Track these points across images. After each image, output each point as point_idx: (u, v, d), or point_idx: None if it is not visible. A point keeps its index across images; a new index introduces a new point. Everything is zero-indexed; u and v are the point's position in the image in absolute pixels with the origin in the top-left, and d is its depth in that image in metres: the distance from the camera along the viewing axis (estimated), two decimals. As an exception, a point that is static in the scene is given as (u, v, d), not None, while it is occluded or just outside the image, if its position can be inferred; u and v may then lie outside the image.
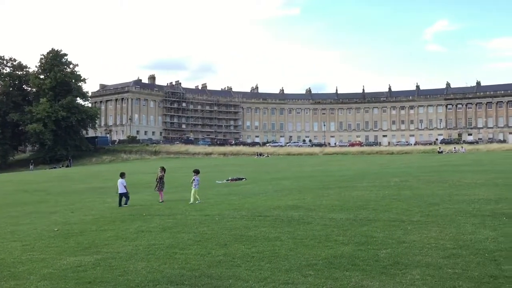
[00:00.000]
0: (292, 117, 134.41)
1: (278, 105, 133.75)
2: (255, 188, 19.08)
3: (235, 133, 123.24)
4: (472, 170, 24.18)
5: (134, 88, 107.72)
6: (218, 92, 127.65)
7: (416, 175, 21.47)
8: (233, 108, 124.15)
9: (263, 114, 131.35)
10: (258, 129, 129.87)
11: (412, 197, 13.36)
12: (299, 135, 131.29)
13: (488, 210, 10.39)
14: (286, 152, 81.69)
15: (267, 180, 23.83)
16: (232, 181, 24.26)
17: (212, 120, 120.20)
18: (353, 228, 9.02)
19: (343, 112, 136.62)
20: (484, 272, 5.73)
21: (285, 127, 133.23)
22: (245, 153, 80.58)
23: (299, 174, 28.72)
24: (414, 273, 5.84)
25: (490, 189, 14.69)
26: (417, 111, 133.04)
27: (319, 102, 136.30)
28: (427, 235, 8.01)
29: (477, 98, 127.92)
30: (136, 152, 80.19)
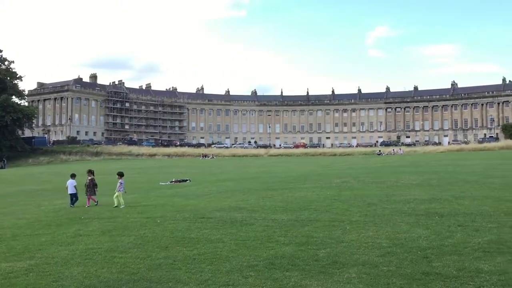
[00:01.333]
0: (238, 119, 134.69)
1: (223, 107, 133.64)
2: (199, 190, 18.95)
3: (180, 134, 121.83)
4: (409, 171, 25.17)
5: (75, 87, 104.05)
6: (163, 93, 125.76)
7: (356, 176, 22.08)
8: (178, 109, 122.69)
9: (209, 115, 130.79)
10: (204, 130, 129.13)
11: (352, 198, 13.74)
12: (244, 137, 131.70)
13: (422, 209, 10.85)
14: (231, 153, 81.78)
15: (211, 182, 23.74)
16: (176, 183, 23.97)
17: (157, 121, 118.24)
18: (294, 229, 9.15)
19: (288, 114, 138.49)
20: (417, 269, 5.98)
21: (230, 128, 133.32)
22: (190, 154, 79.90)
23: (243, 175, 28.80)
24: (351, 272, 6.01)
25: (424, 189, 15.35)
26: (359, 114, 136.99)
27: (265, 104, 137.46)
28: (364, 235, 8.26)
29: (414, 102, 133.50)
30: (76, 153, 77.41)
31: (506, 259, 6.16)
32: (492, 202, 11.48)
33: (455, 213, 10.13)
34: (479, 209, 10.44)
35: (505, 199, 11.91)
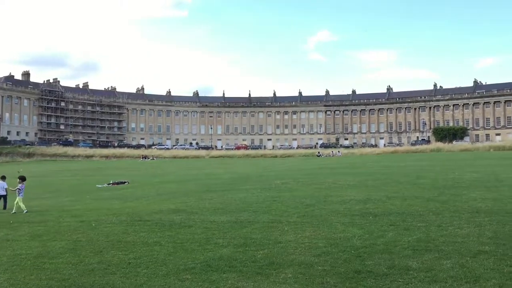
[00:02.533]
0: (179, 120, 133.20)
1: (165, 107, 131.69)
2: (137, 192, 18.54)
3: (119, 135, 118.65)
4: (346, 172, 25.92)
5: (5, 85, 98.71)
6: (101, 92, 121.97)
7: (296, 178, 22.46)
8: (117, 109, 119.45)
9: (149, 116, 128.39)
10: (144, 131, 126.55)
11: (291, 199, 13.95)
12: (186, 138, 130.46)
13: (357, 210, 11.19)
14: (172, 155, 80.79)
15: (151, 184, 23.31)
16: (114, 185, 23.32)
17: (94, 121, 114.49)
18: (233, 230, 9.15)
19: (230, 115, 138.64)
20: (350, 267, 6.15)
21: (172, 129, 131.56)
22: (129, 155, 78.09)
23: (184, 177, 28.51)
24: (287, 272, 6.09)
25: (360, 190, 15.85)
26: (299, 116, 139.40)
27: (207, 105, 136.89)
28: (302, 235, 8.40)
29: (352, 105, 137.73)
30: (7, 154, 73.44)
31: (433, 256, 6.46)
32: (421, 202, 12.03)
33: (387, 213, 10.52)
34: (410, 209, 10.90)
35: (433, 199, 12.52)
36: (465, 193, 13.75)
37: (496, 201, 11.73)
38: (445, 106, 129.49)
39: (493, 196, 12.62)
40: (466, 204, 11.31)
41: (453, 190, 14.59)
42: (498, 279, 5.35)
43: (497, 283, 5.22)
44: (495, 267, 5.80)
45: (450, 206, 11.07)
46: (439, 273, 5.70)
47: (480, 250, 6.68)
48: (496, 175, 20.00)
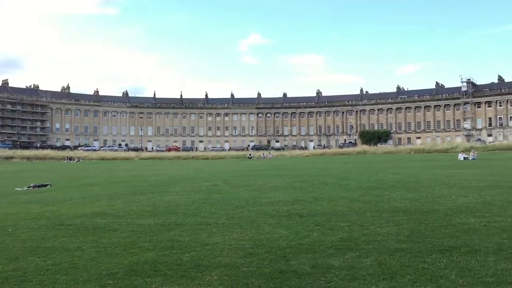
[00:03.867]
0: (108, 120, 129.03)
1: (92, 107, 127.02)
2: (60, 195, 17.71)
3: (42, 135, 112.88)
4: (276, 174, 26.30)
5: None
6: (23, 90, 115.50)
7: (226, 180, 22.48)
8: (40, 108, 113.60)
9: (75, 116, 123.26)
10: (70, 132, 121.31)
11: (221, 201, 13.93)
12: (114, 139, 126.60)
13: (285, 211, 11.38)
14: (100, 156, 78.14)
15: (75, 187, 22.36)
16: (34, 188, 22.12)
17: (15, 121, 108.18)
18: (160, 233, 8.99)
19: (161, 116, 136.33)
20: (275, 268, 6.24)
21: (99, 130, 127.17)
22: (53, 157, 74.50)
23: (111, 179, 27.63)
24: (213, 274, 6.07)
25: (289, 191, 16.14)
26: (231, 118, 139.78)
27: (137, 106, 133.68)
28: (229, 237, 8.41)
29: (283, 108, 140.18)
30: None
31: (354, 255, 6.70)
32: (346, 203, 12.46)
33: (314, 213, 10.79)
34: (335, 209, 11.26)
35: (357, 200, 13.01)
36: (387, 193, 14.40)
37: (414, 201, 12.38)
38: (371, 111, 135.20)
39: (411, 197, 13.31)
40: (387, 204, 11.85)
41: (376, 191, 15.23)
42: (413, 275, 5.64)
43: (412, 278, 5.51)
44: (410, 264, 6.11)
45: (372, 206, 11.54)
46: (359, 270, 5.92)
47: (397, 248, 7.02)
48: (416, 177, 21.12)
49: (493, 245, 6.91)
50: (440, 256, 6.43)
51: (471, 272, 5.62)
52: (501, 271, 5.61)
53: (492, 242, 7.11)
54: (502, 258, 6.19)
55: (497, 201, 11.72)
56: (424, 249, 6.85)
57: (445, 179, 19.27)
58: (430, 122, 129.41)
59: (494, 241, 7.21)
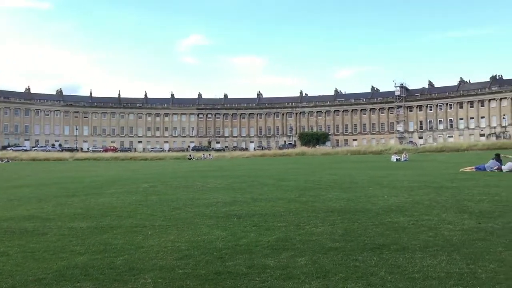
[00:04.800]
0: (40, 119, 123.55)
1: (23, 105, 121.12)
2: (-15, 198, 16.68)
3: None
4: (216, 175, 26.20)
5: None
6: None
7: (165, 181, 22.13)
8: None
9: (4, 114, 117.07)
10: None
11: (158, 202, 13.69)
12: (47, 139, 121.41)
13: (223, 212, 11.35)
14: (31, 157, 74.66)
15: (2, 188, 21.18)
16: (-43, 191, 20.72)
17: None
18: (93, 237, 8.69)
19: (97, 116, 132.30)
20: (211, 269, 6.20)
21: (31, 130, 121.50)
22: (-21, 158, 70.28)
23: (43, 181, 26.41)
24: (147, 277, 5.94)
25: (228, 192, 16.13)
26: (171, 118, 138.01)
27: (72, 105, 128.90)
28: (165, 239, 8.27)
29: (224, 109, 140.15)
30: None
31: (289, 255, 6.79)
32: (284, 203, 12.62)
33: (251, 214, 10.83)
34: (272, 210, 11.37)
35: (294, 200, 13.21)
36: (323, 194, 14.73)
37: (349, 201, 12.74)
38: (310, 113, 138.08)
39: (347, 197, 13.69)
40: (323, 204, 12.11)
41: (313, 192, 15.54)
42: (345, 272, 5.80)
43: (343, 276, 5.66)
44: (342, 262, 6.27)
45: (308, 207, 11.76)
46: (294, 270, 6.01)
47: (331, 247, 7.18)
48: (351, 177, 21.77)
49: (420, 243, 7.23)
50: (371, 254, 6.64)
51: (399, 269, 5.85)
52: (426, 267, 5.88)
53: (419, 240, 7.44)
54: (428, 254, 6.49)
55: (425, 200, 12.30)
56: (356, 248, 7.05)
57: (379, 179, 20.00)
58: (366, 125, 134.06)
59: (421, 238, 7.55)
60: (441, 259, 6.22)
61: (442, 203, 11.74)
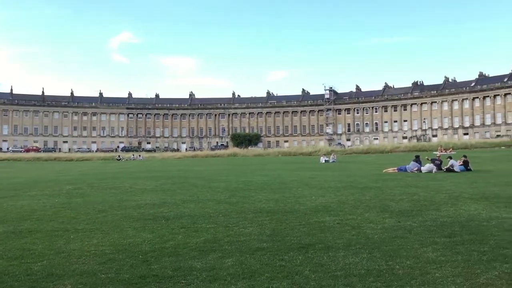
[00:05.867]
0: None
1: None
2: None
3: None
4: (145, 176, 25.64)
5: None
6: None
7: (91, 182, 21.35)
8: None
9: None
10: None
11: (83, 205, 13.18)
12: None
13: (151, 214, 11.12)
14: None
15: None
16: None
17: None
18: (10, 242, 8.19)
19: (19, 114, 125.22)
20: (135, 273, 6.04)
21: None
22: None
23: (-45, 183, 24.53)
24: (66, 283, 5.68)
25: (157, 194, 15.83)
26: (99, 118, 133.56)
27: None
28: (88, 243, 7.96)
29: (156, 109, 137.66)
30: None
31: (216, 256, 6.77)
32: (213, 205, 12.58)
33: (180, 216, 10.70)
34: (202, 211, 11.30)
35: (224, 201, 13.22)
36: (253, 195, 14.86)
37: (278, 201, 12.93)
38: (242, 114, 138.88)
39: (276, 197, 13.90)
40: (253, 205, 12.21)
41: (243, 193, 15.63)
42: (271, 272, 5.86)
43: (269, 276, 5.72)
44: (269, 262, 6.35)
45: (238, 208, 11.80)
46: (220, 271, 5.99)
47: (258, 247, 7.25)
48: (281, 178, 22.13)
49: (344, 241, 7.48)
50: (297, 253, 6.77)
51: (323, 267, 6.01)
52: (348, 265, 6.08)
53: (343, 239, 7.69)
54: (350, 253, 6.72)
55: (350, 200, 12.75)
56: (283, 248, 7.16)
57: (307, 180, 20.48)
58: (297, 127, 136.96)
59: (345, 237, 7.81)
60: (362, 257, 6.47)
61: (366, 202, 12.22)
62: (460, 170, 23.55)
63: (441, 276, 5.48)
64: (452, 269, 5.74)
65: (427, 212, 10.28)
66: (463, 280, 5.31)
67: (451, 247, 6.90)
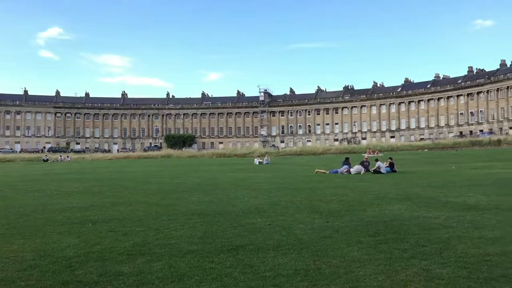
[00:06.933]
0: None
1: None
2: None
3: None
4: (73, 178, 24.69)
5: None
6: None
7: (13, 185, 20.26)
8: None
9: None
10: None
11: (3, 209, 12.47)
12: None
13: (77, 217, 10.70)
14: None
15: None
16: None
17: None
18: None
19: None
20: (58, 279, 5.78)
21: None
22: None
23: None
24: (-19, 293, 5.34)
25: (85, 196, 15.28)
26: (24, 117, 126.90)
27: None
28: (8, 249, 7.53)
29: (86, 108, 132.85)
30: None
31: (145, 260, 6.62)
32: (145, 207, 12.32)
33: (109, 219, 10.38)
34: (132, 214, 11.02)
35: (156, 204, 12.99)
36: (186, 196, 14.72)
37: (210, 203, 12.90)
38: (177, 115, 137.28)
39: (208, 199, 13.86)
40: (185, 207, 12.09)
41: (176, 195, 15.45)
42: (200, 275, 5.82)
43: (199, 279, 5.68)
44: (199, 265, 6.30)
45: (170, 210, 11.63)
46: (149, 275, 5.87)
47: (189, 250, 7.18)
48: (215, 180, 22.10)
49: (274, 242, 7.58)
50: (227, 255, 6.78)
51: (252, 268, 6.05)
52: (277, 266, 6.16)
53: (273, 240, 7.79)
54: (280, 253, 6.82)
55: (282, 201, 12.95)
56: (214, 250, 7.14)
57: (241, 182, 20.59)
58: (232, 128, 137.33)
59: (275, 238, 7.91)
60: (291, 257, 6.58)
61: (297, 204, 12.47)
62: (386, 171, 24.62)
63: (364, 274, 5.70)
64: (375, 267, 5.98)
65: (354, 212, 10.64)
66: (385, 278, 5.55)
67: (375, 245, 7.19)
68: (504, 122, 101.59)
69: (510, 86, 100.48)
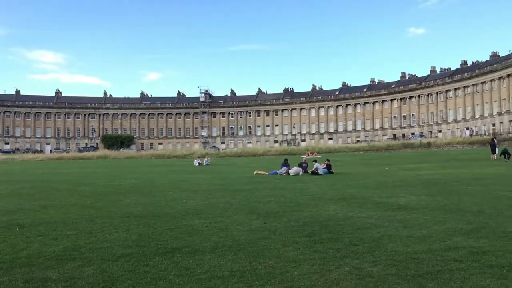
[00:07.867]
0: None
1: None
2: None
3: None
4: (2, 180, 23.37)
5: None
6: None
7: None
8: None
9: None
10: None
11: None
12: None
13: (3, 221, 10.14)
14: None
15: None
16: None
17: None
18: None
19: None
20: (-21, 288, 5.44)
21: None
22: None
23: None
24: None
25: (13, 199, 14.52)
26: None
27: None
28: None
29: (16, 107, 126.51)
30: None
31: (76, 265, 6.37)
32: (78, 210, 11.87)
33: (38, 222, 9.91)
34: (64, 217, 10.58)
35: (90, 206, 12.55)
36: (122, 199, 14.33)
37: (147, 205, 12.63)
38: (114, 115, 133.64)
39: (145, 201, 13.56)
40: (120, 210, 11.76)
41: (111, 197, 15.00)
42: (134, 279, 5.67)
43: (132, 283, 5.53)
44: (133, 269, 6.13)
45: (104, 213, 11.27)
46: (79, 280, 5.65)
47: (123, 253, 6.97)
48: (152, 181, 21.69)
49: (211, 244, 7.52)
50: (163, 258, 6.65)
51: (188, 271, 5.97)
52: (213, 267, 6.12)
53: (210, 241, 7.73)
54: (216, 255, 6.78)
55: (220, 203, 12.91)
56: (149, 253, 6.99)
57: (179, 183, 20.34)
58: (172, 129, 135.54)
59: (212, 240, 7.86)
60: (227, 259, 6.56)
61: (236, 205, 12.46)
62: (323, 173, 25.19)
63: (299, 274, 5.78)
64: (310, 267, 6.08)
65: (291, 213, 10.79)
66: (319, 277, 5.66)
67: (310, 246, 7.32)
68: (434, 126, 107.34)
69: (439, 92, 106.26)
